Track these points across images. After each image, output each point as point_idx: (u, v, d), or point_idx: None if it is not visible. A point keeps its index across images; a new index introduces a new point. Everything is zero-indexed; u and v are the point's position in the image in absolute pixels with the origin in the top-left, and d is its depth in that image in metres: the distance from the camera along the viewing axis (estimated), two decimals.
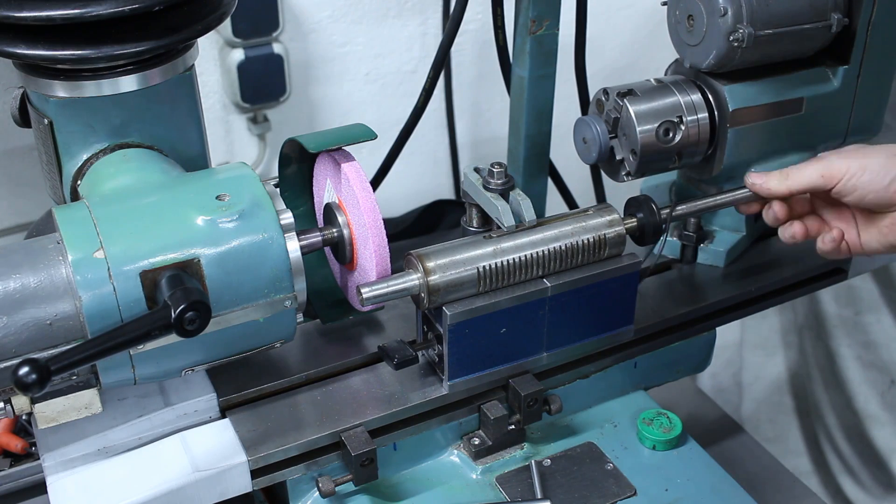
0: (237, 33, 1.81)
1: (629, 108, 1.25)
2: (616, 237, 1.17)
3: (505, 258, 1.11)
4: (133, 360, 0.98)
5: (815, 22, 1.27)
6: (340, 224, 1.14)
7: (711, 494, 1.17)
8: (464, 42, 2.09)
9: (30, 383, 0.82)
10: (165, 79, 1.10)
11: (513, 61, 1.51)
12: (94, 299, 0.93)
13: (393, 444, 1.16)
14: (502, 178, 1.18)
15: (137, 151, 1.10)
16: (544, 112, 1.53)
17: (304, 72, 1.96)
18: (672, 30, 1.31)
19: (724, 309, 1.38)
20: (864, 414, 2.10)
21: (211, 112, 1.91)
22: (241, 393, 1.15)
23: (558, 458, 1.20)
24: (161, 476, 1.05)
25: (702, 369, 1.42)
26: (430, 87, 1.60)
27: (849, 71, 1.34)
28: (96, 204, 0.99)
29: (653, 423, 1.23)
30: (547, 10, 1.43)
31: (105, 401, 1.05)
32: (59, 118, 1.08)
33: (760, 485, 1.50)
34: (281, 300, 1.02)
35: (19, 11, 0.98)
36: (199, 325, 0.91)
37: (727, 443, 1.61)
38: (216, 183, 1.03)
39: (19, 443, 1.48)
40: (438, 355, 1.15)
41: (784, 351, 2.29)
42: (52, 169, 1.13)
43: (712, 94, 1.29)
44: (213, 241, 0.97)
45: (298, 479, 1.12)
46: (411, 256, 1.10)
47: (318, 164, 1.21)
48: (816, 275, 1.46)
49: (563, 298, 1.16)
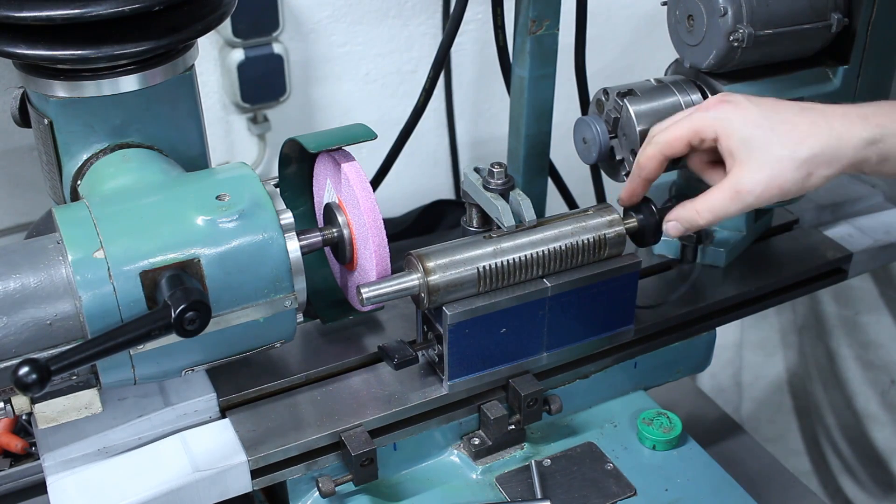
0: (237, 33, 1.81)
1: (629, 108, 1.25)
2: (616, 237, 1.17)
3: (505, 258, 1.12)
4: (133, 360, 0.98)
5: (815, 22, 1.27)
6: (340, 224, 1.14)
7: (711, 494, 1.17)
8: (464, 42, 2.09)
9: (30, 383, 0.82)
10: (165, 79, 1.10)
11: (513, 61, 1.51)
12: (94, 299, 0.93)
13: (393, 444, 1.16)
14: (502, 178, 1.18)
15: (137, 151, 1.10)
16: (544, 112, 1.53)
17: (304, 72, 1.96)
18: (672, 30, 1.31)
19: (724, 309, 1.38)
20: (864, 414, 2.10)
21: (211, 112, 1.91)
22: (241, 393, 1.15)
23: (558, 458, 1.20)
24: (161, 476, 1.05)
25: (702, 369, 1.43)
26: (430, 87, 1.60)
27: (849, 71, 1.34)
28: (96, 204, 0.99)
29: (653, 423, 1.23)
30: (547, 10, 1.43)
31: (105, 401, 1.05)
32: (59, 118, 1.08)
33: (760, 485, 1.50)
34: (281, 300, 1.02)
35: (19, 11, 0.98)
36: (199, 325, 0.91)
37: (727, 443, 1.61)
38: (216, 183, 1.03)
39: (19, 443, 1.48)
40: (438, 355, 1.15)
41: (784, 351, 2.29)
42: (52, 169, 1.13)
43: (712, 94, 1.28)
44: (213, 241, 0.97)
45: (298, 479, 1.12)
46: (411, 256, 1.10)
47: (318, 164, 1.21)
48: (816, 275, 1.46)
49: (563, 298, 1.16)
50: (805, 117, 1.05)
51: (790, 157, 1.03)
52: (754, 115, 1.06)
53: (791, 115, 1.05)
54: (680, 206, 1.12)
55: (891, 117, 1.03)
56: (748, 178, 1.05)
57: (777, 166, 1.03)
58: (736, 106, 1.07)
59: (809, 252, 1.47)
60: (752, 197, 1.05)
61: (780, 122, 1.05)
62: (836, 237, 1.51)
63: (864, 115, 1.04)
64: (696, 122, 1.09)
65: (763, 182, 1.04)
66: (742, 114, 1.06)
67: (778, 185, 1.04)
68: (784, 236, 1.50)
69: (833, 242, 1.50)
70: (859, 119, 1.03)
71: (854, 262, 1.48)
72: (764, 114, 1.06)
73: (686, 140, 1.10)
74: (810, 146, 1.03)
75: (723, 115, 1.07)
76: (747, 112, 1.06)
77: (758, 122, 1.05)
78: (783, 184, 1.04)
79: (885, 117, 1.03)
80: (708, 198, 1.08)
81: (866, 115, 1.04)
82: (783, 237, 1.50)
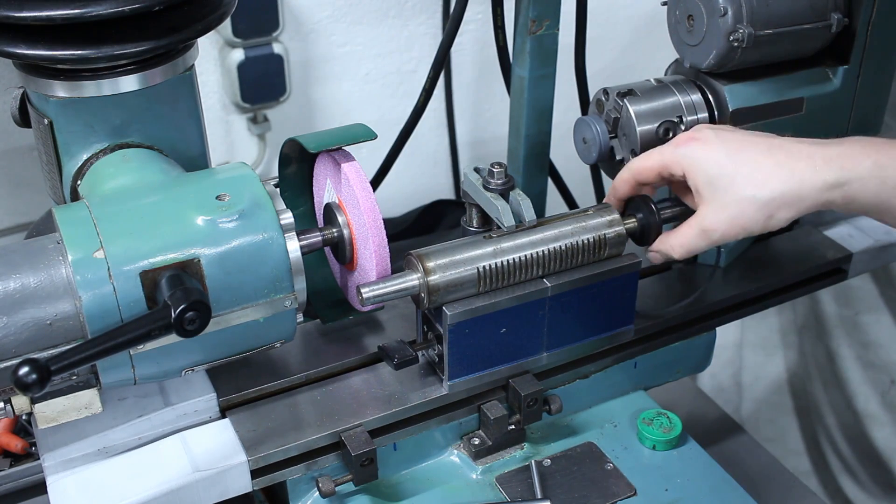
0: (237, 33, 1.81)
1: (629, 108, 1.25)
2: (616, 237, 1.17)
3: (505, 258, 1.12)
4: (133, 360, 0.98)
5: (815, 22, 1.27)
6: (340, 224, 1.14)
7: (711, 494, 1.17)
8: (464, 42, 2.09)
9: (30, 383, 0.82)
10: (165, 79, 1.10)
11: (513, 61, 1.51)
12: (94, 299, 0.93)
13: (393, 444, 1.16)
14: (502, 178, 1.18)
15: (137, 151, 1.10)
16: (544, 112, 1.53)
17: (304, 72, 1.96)
18: (672, 30, 1.31)
19: (724, 309, 1.38)
20: (864, 414, 2.10)
21: (211, 112, 1.91)
22: (241, 393, 1.15)
23: (558, 458, 1.20)
24: (161, 476, 1.05)
25: (702, 369, 1.43)
26: (430, 87, 1.60)
27: (849, 71, 1.34)
28: (96, 204, 0.99)
29: (653, 423, 1.23)
30: (547, 10, 1.43)
31: (105, 401, 1.05)
32: (59, 118, 1.08)
33: (760, 485, 1.50)
34: (281, 300, 1.02)
35: (19, 11, 0.98)
36: (199, 325, 0.91)
37: (727, 443, 1.61)
38: (216, 183, 1.03)
39: (19, 443, 1.48)
40: (438, 355, 1.15)
41: (784, 351, 2.29)
42: (52, 169, 1.13)
43: (712, 94, 1.29)
44: (213, 241, 0.97)
45: (298, 479, 1.12)
46: (411, 256, 1.10)
47: (318, 164, 1.21)
48: (816, 275, 1.46)
49: (563, 298, 1.16)
50: (770, 157, 1.07)
51: (751, 199, 1.06)
52: (719, 154, 1.09)
53: (757, 153, 1.07)
54: (659, 240, 1.17)
55: (856, 160, 1.03)
56: (712, 217, 1.09)
57: (739, 207, 1.07)
58: (704, 144, 1.10)
59: (809, 252, 1.47)
60: (718, 234, 1.09)
61: (745, 161, 1.07)
62: (836, 237, 1.51)
63: (829, 157, 1.04)
64: (665, 157, 1.13)
65: (726, 221, 1.08)
66: (707, 153, 1.09)
67: (740, 224, 1.08)
68: (784, 236, 1.50)
69: (833, 242, 1.50)
70: (823, 162, 1.04)
71: (854, 262, 1.48)
72: (729, 153, 1.08)
73: (656, 171, 1.14)
74: (772, 188, 1.05)
75: (690, 153, 1.10)
76: (713, 151, 1.09)
77: (722, 162, 1.08)
78: (745, 223, 1.07)
79: (851, 160, 1.03)
80: (679, 234, 1.13)
81: (831, 156, 1.04)
82: (783, 237, 1.50)
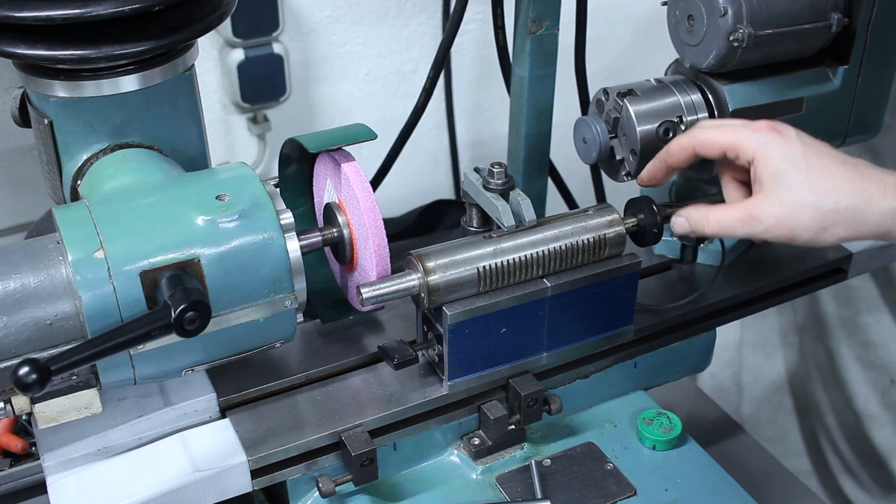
0: (237, 33, 1.81)
1: (629, 108, 1.25)
2: (616, 237, 1.17)
3: (505, 258, 1.12)
4: (133, 360, 0.98)
5: (815, 22, 1.27)
6: (340, 224, 1.14)
7: (711, 494, 1.17)
8: (464, 42, 2.09)
9: (30, 383, 0.82)
10: (165, 79, 1.10)
11: (513, 61, 1.51)
12: (94, 299, 0.93)
13: (393, 444, 1.16)
14: (502, 178, 1.18)
15: (137, 151, 1.10)
16: (544, 112, 1.53)
17: (304, 72, 1.96)
18: (672, 30, 1.31)
19: (724, 309, 1.38)
20: (864, 414, 2.09)
21: (211, 112, 1.91)
22: (241, 393, 1.15)
23: (558, 458, 1.20)
24: (161, 476, 1.05)
25: (702, 369, 1.43)
26: (430, 87, 1.60)
27: (849, 71, 1.34)
28: (96, 204, 0.99)
29: (653, 423, 1.23)
30: (547, 10, 1.43)
31: (105, 401, 1.05)
32: (59, 118, 1.08)
33: (760, 485, 1.50)
34: (281, 300, 1.02)
35: (19, 11, 0.98)
36: (199, 325, 0.91)
37: (727, 443, 1.61)
38: (216, 183, 1.03)
39: (19, 443, 1.48)
40: (438, 355, 1.15)
41: (784, 351, 2.28)
42: (52, 169, 1.13)
43: (712, 94, 1.29)
44: (213, 241, 0.97)
45: (298, 479, 1.12)
46: (411, 256, 1.10)
47: (318, 164, 1.21)
48: (816, 275, 1.46)
49: (563, 298, 1.16)
50: (844, 171, 1.04)
51: (812, 205, 1.03)
52: (796, 152, 1.05)
53: (832, 163, 1.04)
54: (694, 207, 1.13)
55: None
56: (765, 208, 1.05)
57: (797, 208, 1.03)
58: (783, 138, 1.07)
59: (809, 252, 1.47)
60: (762, 227, 1.05)
61: (818, 166, 1.04)
62: None
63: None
64: (739, 138, 1.09)
65: (777, 217, 1.04)
66: (785, 147, 1.06)
67: (790, 226, 1.04)
68: None
69: None
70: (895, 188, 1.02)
71: (854, 262, 1.48)
72: (807, 154, 1.05)
73: (722, 149, 1.10)
74: (836, 200, 1.02)
75: (767, 141, 1.07)
76: (791, 147, 1.06)
77: (796, 160, 1.05)
78: (795, 227, 1.04)
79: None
80: (721, 210, 1.09)
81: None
82: None
